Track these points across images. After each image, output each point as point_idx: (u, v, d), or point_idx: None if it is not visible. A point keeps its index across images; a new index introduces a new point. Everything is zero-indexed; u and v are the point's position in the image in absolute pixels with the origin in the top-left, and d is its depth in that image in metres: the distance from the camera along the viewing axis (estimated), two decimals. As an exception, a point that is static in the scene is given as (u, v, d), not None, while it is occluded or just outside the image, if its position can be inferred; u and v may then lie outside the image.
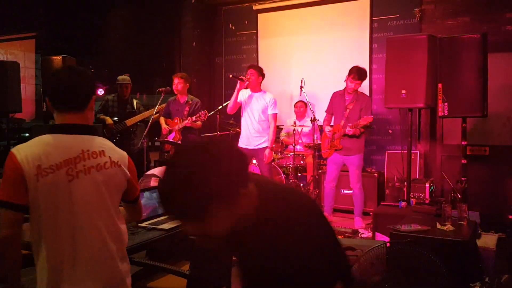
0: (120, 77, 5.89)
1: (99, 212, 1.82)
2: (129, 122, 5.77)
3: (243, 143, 5.12)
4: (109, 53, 8.03)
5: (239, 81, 4.98)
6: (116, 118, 5.80)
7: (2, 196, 1.69)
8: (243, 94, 5.10)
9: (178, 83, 5.46)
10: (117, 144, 5.24)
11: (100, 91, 8.17)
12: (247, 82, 4.97)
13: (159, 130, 5.75)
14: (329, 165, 5.21)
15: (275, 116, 5.06)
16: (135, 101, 5.96)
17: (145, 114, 5.76)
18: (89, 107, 1.90)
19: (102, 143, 1.92)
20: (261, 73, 5.05)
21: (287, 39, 6.95)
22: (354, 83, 4.98)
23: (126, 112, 5.84)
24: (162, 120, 5.63)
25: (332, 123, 5.34)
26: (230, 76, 5.13)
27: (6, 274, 1.71)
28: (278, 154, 6.21)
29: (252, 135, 5.04)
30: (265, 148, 5.02)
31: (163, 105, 5.55)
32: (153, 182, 4.14)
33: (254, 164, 5.81)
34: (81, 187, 1.79)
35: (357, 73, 4.97)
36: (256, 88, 5.08)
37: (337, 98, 5.18)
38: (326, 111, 5.38)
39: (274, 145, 5.26)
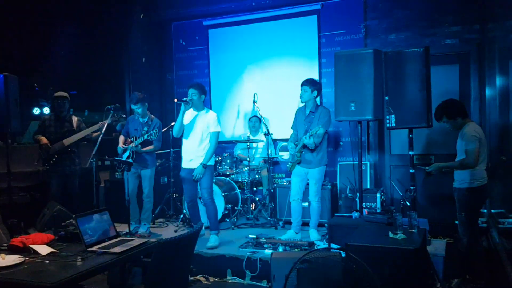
0: (56, 93, 5.58)
1: None
2: (67, 141, 5.33)
3: (186, 164, 4.91)
4: (55, 71, 7.75)
5: (183, 104, 4.79)
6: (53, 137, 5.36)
7: None
8: (186, 114, 4.92)
9: (137, 109, 5.31)
10: (57, 165, 5.17)
11: (46, 110, 7.86)
12: (191, 104, 4.81)
13: (110, 149, 5.57)
14: (293, 178, 5.18)
15: (216, 134, 4.87)
16: (75, 119, 5.58)
17: (85, 132, 5.40)
18: None
19: None
20: (203, 91, 4.88)
21: (238, 54, 6.99)
22: (307, 92, 4.93)
23: (63, 131, 5.41)
24: (120, 138, 5.45)
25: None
26: (175, 100, 4.93)
27: None
28: (233, 169, 6.18)
29: (196, 155, 4.84)
30: (208, 165, 4.83)
31: (105, 122, 5.23)
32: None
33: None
34: None
35: (309, 82, 4.94)
36: (199, 106, 4.91)
37: (299, 113, 5.15)
38: (291, 128, 5.35)
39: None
